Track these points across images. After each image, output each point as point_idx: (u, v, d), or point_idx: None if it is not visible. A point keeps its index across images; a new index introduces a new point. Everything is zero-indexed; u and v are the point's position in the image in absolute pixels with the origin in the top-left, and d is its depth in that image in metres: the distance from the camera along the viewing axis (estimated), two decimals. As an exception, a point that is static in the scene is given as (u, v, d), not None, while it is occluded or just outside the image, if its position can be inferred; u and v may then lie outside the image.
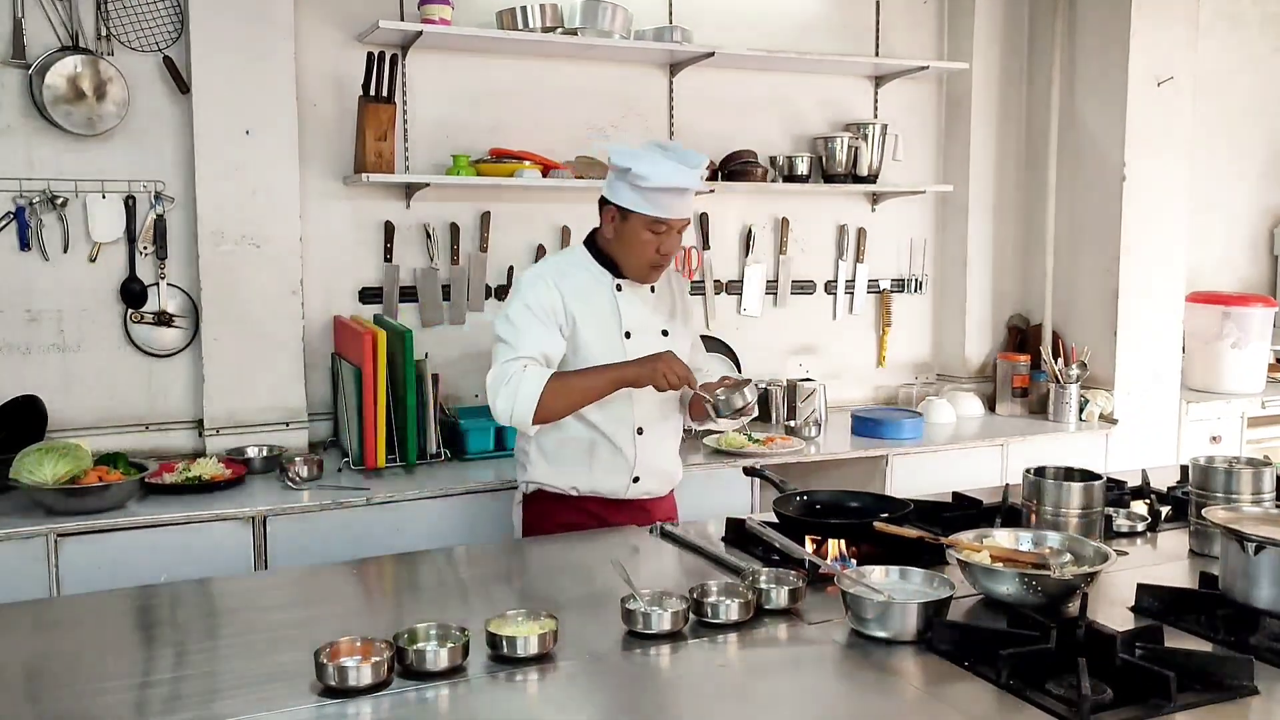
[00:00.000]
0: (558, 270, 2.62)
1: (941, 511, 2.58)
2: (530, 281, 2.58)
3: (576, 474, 2.63)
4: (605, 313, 2.62)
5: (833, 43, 4.30)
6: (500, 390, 2.47)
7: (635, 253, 2.58)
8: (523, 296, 2.56)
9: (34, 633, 1.95)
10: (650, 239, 2.54)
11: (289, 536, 2.97)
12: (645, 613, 1.85)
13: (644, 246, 2.56)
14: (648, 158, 2.50)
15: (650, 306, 2.69)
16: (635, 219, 2.53)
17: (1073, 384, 4.18)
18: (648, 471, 2.68)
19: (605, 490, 2.65)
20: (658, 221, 2.52)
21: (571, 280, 2.60)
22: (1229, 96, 5.01)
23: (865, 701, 1.68)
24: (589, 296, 2.60)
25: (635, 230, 2.54)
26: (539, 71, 3.86)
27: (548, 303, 2.55)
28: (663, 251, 2.57)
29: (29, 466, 2.83)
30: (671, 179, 2.47)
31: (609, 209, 2.58)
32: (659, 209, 2.51)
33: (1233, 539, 1.88)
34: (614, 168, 2.54)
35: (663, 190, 2.48)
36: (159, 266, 3.39)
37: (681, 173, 2.49)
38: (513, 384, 2.46)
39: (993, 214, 4.51)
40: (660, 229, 2.54)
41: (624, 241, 2.58)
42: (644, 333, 2.64)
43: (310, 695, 1.63)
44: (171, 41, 3.35)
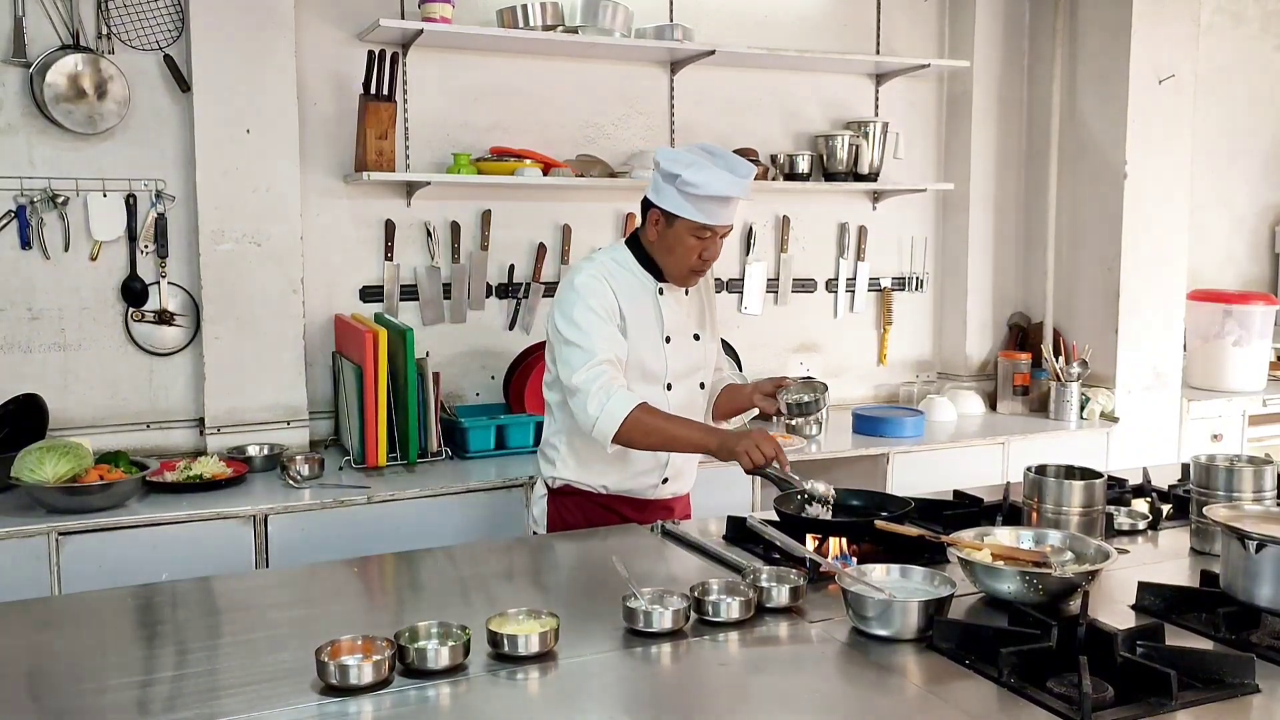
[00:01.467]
0: (609, 270, 2.59)
1: (942, 510, 2.57)
2: (587, 282, 2.54)
3: (608, 473, 2.63)
4: (649, 315, 2.61)
5: (833, 41, 4.30)
6: (592, 395, 2.43)
7: (678, 258, 2.56)
8: (583, 298, 2.51)
9: (35, 631, 1.95)
10: (694, 244, 2.53)
11: (290, 535, 2.97)
12: (646, 611, 1.85)
13: (688, 252, 2.54)
14: (698, 165, 2.47)
15: (685, 311, 2.69)
16: (681, 224, 2.51)
17: (1074, 382, 4.18)
18: (676, 473, 2.69)
19: (635, 490, 2.66)
20: (703, 228, 2.51)
21: (621, 281, 2.58)
22: (1230, 94, 5.00)
23: (866, 700, 1.68)
24: (636, 298, 2.59)
25: (680, 235, 2.53)
26: (540, 70, 3.86)
27: (608, 303, 2.53)
28: (705, 258, 2.56)
29: (30, 465, 2.83)
30: (722, 188, 2.46)
31: (654, 212, 2.56)
32: (706, 215, 2.49)
33: (1234, 537, 1.88)
34: (663, 172, 2.52)
35: (710, 199, 2.47)
36: (160, 265, 3.39)
37: (732, 183, 2.47)
38: (602, 395, 2.42)
39: (994, 212, 4.51)
40: (705, 235, 2.52)
41: (667, 246, 2.56)
42: (681, 337, 2.66)
43: (311, 694, 1.63)
44: (172, 40, 3.35)
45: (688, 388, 2.68)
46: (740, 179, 2.49)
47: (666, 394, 2.62)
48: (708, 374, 2.77)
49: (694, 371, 2.70)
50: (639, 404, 2.43)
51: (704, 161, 2.50)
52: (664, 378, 2.63)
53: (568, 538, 2.52)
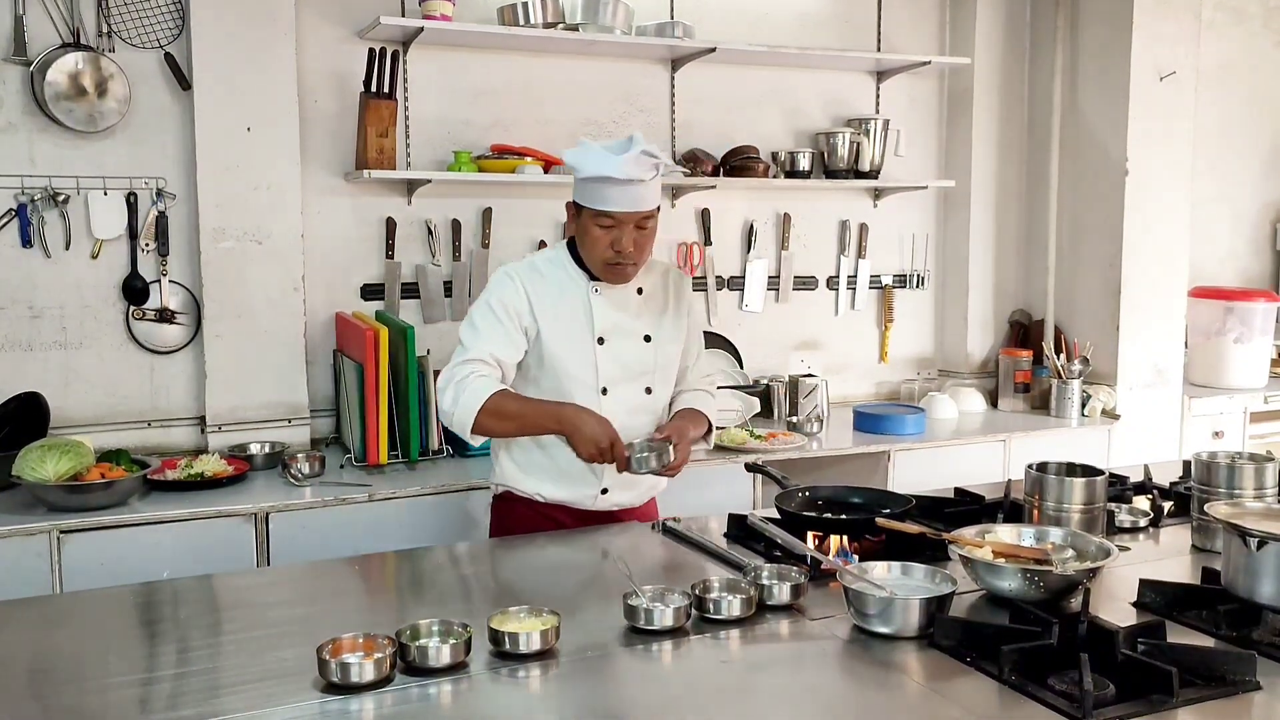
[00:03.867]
0: (531, 269, 2.51)
1: (944, 507, 2.57)
2: (499, 280, 2.49)
3: (543, 481, 2.53)
4: (577, 316, 2.49)
5: (834, 38, 4.29)
6: (446, 391, 2.40)
7: (590, 250, 2.45)
8: (488, 295, 2.48)
9: (37, 629, 1.95)
10: (600, 234, 2.40)
11: (291, 533, 2.97)
12: (647, 609, 1.85)
13: (595, 242, 2.42)
14: (581, 149, 2.40)
15: (633, 311, 2.54)
16: (585, 213, 2.42)
17: (1075, 379, 4.18)
18: (618, 483, 2.54)
19: (571, 501, 2.55)
20: (602, 214, 2.39)
21: (544, 281, 2.49)
22: (1232, 91, 5.00)
23: (867, 697, 1.68)
24: (561, 299, 2.48)
25: (586, 226, 2.43)
26: (540, 67, 3.86)
27: (512, 304, 2.45)
28: (617, 248, 2.41)
29: (31, 464, 2.83)
30: (593, 168, 2.35)
31: (569, 204, 2.50)
32: (600, 201, 2.38)
33: (1235, 534, 1.88)
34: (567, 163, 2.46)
35: (596, 180, 2.36)
36: (160, 263, 3.40)
37: (603, 160, 2.34)
38: (456, 389, 2.38)
39: (995, 209, 4.51)
40: (607, 223, 2.39)
41: (580, 238, 2.47)
42: (622, 337, 2.51)
43: (312, 691, 1.63)
44: (173, 38, 3.35)
45: (629, 393, 2.52)
46: (615, 156, 2.34)
47: (601, 399, 2.48)
48: (663, 379, 2.59)
49: (638, 376, 2.54)
50: (494, 392, 2.36)
51: (588, 146, 2.41)
52: (596, 382, 2.49)
53: (568, 536, 2.52)
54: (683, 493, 2.88)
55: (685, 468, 2.50)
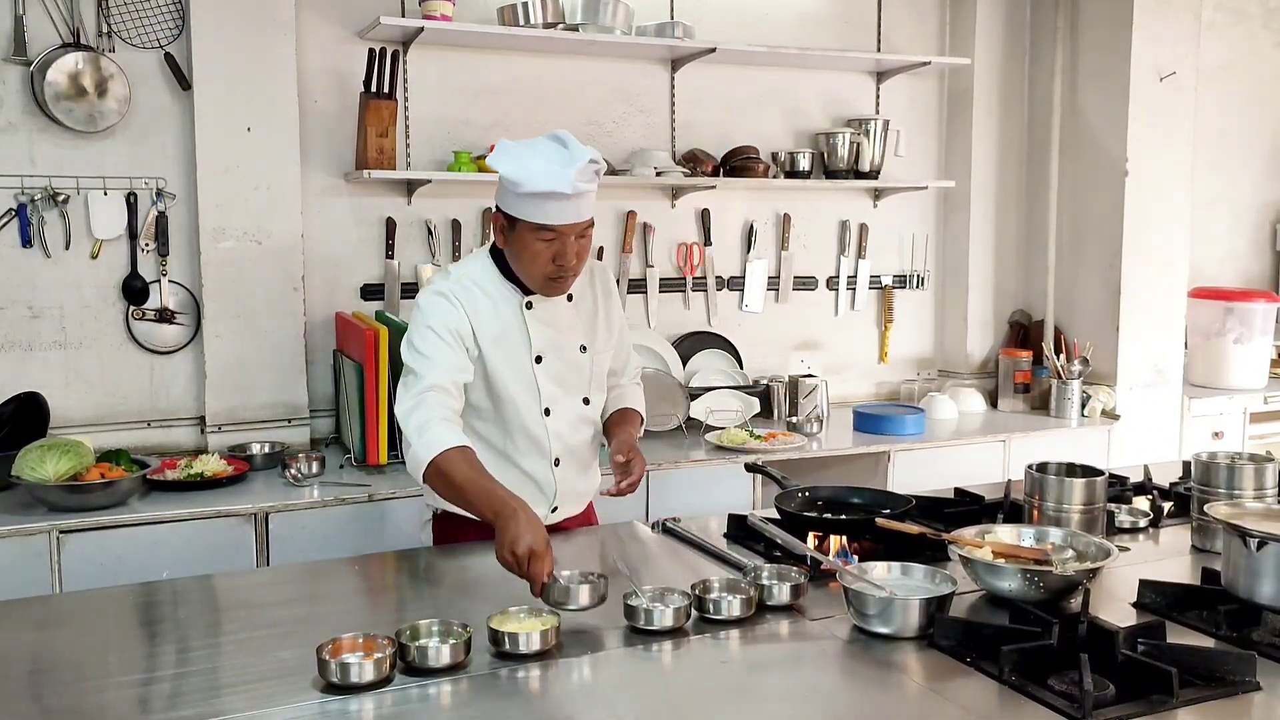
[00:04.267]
0: (465, 289, 2.31)
1: (943, 507, 2.57)
2: (431, 302, 2.29)
3: None
4: (513, 335, 2.33)
5: (834, 38, 4.29)
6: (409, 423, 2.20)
7: (527, 265, 2.27)
8: (425, 318, 2.28)
9: (36, 629, 1.95)
10: (541, 248, 2.22)
11: (291, 533, 2.97)
12: (647, 609, 1.85)
13: (535, 256, 2.24)
14: (523, 158, 2.19)
15: (566, 322, 2.40)
16: (521, 226, 2.22)
17: (1075, 380, 4.18)
18: (566, 499, 2.47)
19: None
20: (544, 228, 2.20)
21: (479, 301, 2.31)
22: (1232, 91, 5.00)
23: (867, 697, 1.68)
24: (497, 318, 2.32)
25: (524, 240, 2.23)
26: (540, 68, 3.86)
27: (452, 323, 2.27)
28: (559, 262, 2.24)
29: (31, 464, 2.83)
30: (542, 183, 2.15)
31: (496, 216, 2.29)
32: (541, 215, 2.19)
33: (1235, 535, 1.88)
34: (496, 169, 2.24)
35: (540, 195, 2.17)
36: (160, 263, 3.40)
37: (552, 175, 2.15)
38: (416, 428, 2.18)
39: (994, 209, 4.51)
40: (549, 236, 2.21)
41: (515, 253, 2.27)
42: (557, 353, 2.38)
43: (312, 692, 1.63)
44: (173, 38, 3.35)
45: (570, 408, 2.42)
46: (560, 169, 2.16)
47: (546, 421, 2.37)
48: (598, 386, 2.48)
49: (575, 389, 2.43)
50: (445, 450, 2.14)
51: (530, 154, 2.21)
52: (539, 403, 2.37)
53: (568, 536, 2.52)
54: (682, 493, 2.89)
55: (684, 468, 2.48)
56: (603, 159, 2.28)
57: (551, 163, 2.19)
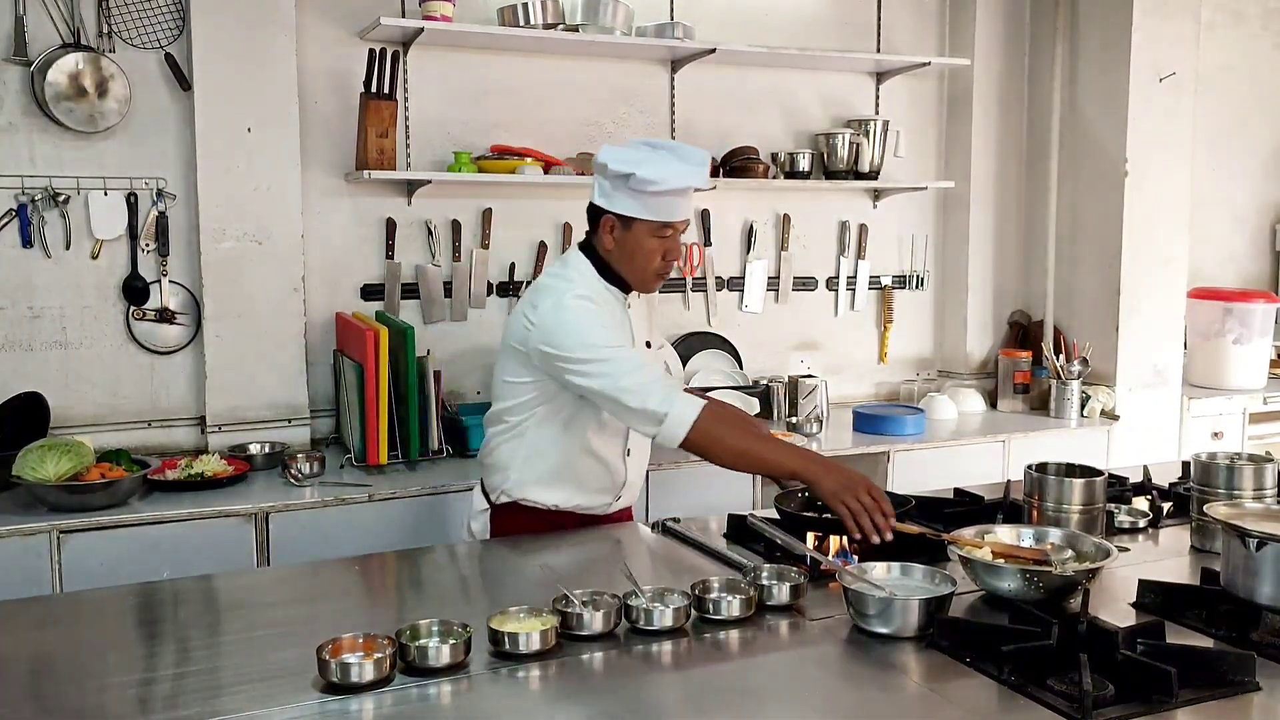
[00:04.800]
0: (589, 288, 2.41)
1: (943, 507, 2.57)
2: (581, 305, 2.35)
3: (561, 492, 2.50)
4: (624, 330, 2.46)
5: (834, 39, 4.29)
6: (650, 396, 2.25)
7: (641, 263, 2.42)
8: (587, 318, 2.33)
9: (37, 629, 1.96)
10: (656, 246, 2.40)
11: (291, 533, 2.97)
12: (647, 609, 1.85)
13: (650, 255, 2.41)
14: (650, 161, 2.34)
15: (640, 316, 2.58)
16: (639, 227, 2.38)
17: (1074, 380, 4.18)
18: (629, 490, 2.61)
19: (586, 508, 2.54)
20: (664, 226, 2.38)
21: (601, 297, 2.43)
22: (1231, 92, 5.00)
23: (867, 698, 1.68)
24: (612, 314, 2.44)
25: (639, 239, 2.39)
26: (540, 68, 3.86)
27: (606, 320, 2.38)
28: (669, 258, 2.43)
29: (31, 463, 2.83)
30: (680, 180, 2.34)
31: (607, 219, 2.40)
32: (666, 213, 2.36)
33: (1234, 535, 1.88)
34: (609, 174, 2.36)
35: (669, 193, 2.34)
36: (161, 263, 3.40)
37: (690, 172, 2.36)
38: (661, 393, 2.25)
39: (994, 210, 4.51)
40: (666, 234, 2.39)
41: (628, 253, 2.42)
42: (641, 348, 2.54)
43: (312, 692, 1.63)
44: (173, 38, 3.35)
45: None
46: (696, 167, 2.37)
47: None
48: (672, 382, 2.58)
49: None
50: (706, 404, 2.29)
51: (655, 157, 2.36)
52: None
53: (567, 536, 2.52)
54: (682, 493, 2.89)
55: (684, 468, 2.52)
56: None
57: (682, 162, 2.36)
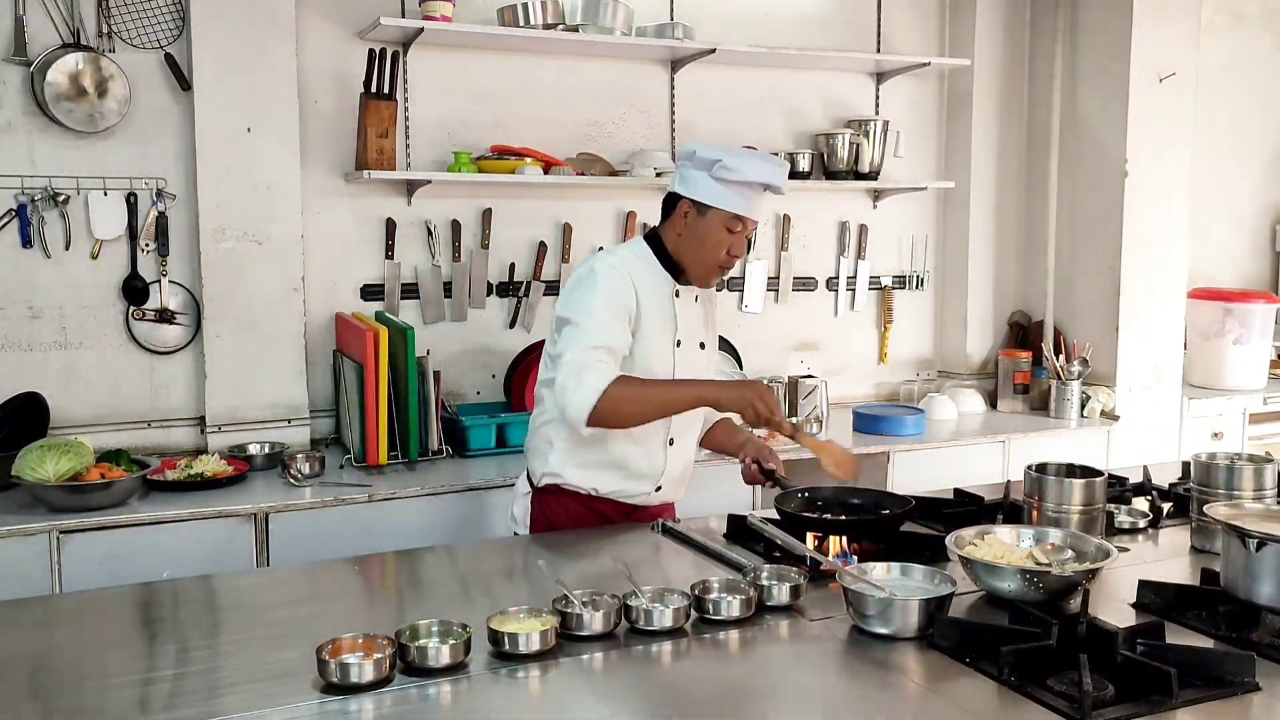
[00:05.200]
0: (631, 264, 2.50)
1: (943, 508, 2.58)
2: (607, 272, 2.45)
3: (601, 476, 2.56)
4: (664, 317, 2.53)
5: (834, 39, 4.29)
6: (570, 377, 2.35)
7: (706, 252, 2.49)
8: (601, 289, 2.42)
9: (36, 629, 1.96)
10: (725, 238, 2.47)
11: (291, 533, 2.97)
12: (647, 609, 1.85)
13: (717, 246, 2.48)
14: (735, 154, 2.46)
15: (695, 318, 2.61)
16: (714, 215, 2.45)
17: (1074, 380, 4.18)
18: (670, 480, 2.65)
19: (627, 495, 2.59)
20: (736, 219, 2.45)
21: (642, 276, 2.50)
22: (1231, 92, 5.00)
23: (867, 698, 1.68)
24: (652, 298, 2.50)
25: (712, 227, 2.46)
26: (540, 68, 3.86)
27: (623, 297, 2.44)
28: (733, 253, 2.50)
29: (31, 464, 2.83)
30: (761, 173, 2.44)
31: (684, 204, 2.48)
32: (744, 205, 2.45)
33: (1234, 535, 1.88)
34: (698, 161, 2.45)
35: (750, 185, 2.43)
36: (160, 264, 3.40)
37: (770, 168, 2.46)
38: (578, 375, 2.34)
39: (994, 210, 4.51)
40: (737, 227, 2.46)
41: (696, 239, 2.48)
42: (690, 343, 2.58)
43: (312, 692, 1.63)
44: (173, 38, 3.35)
45: None
46: (776, 166, 2.48)
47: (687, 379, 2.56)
48: None
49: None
50: (619, 375, 2.36)
51: (739, 152, 2.50)
52: None
53: (567, 536, 2.52)
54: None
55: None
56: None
57: (766, 161, 2.49)
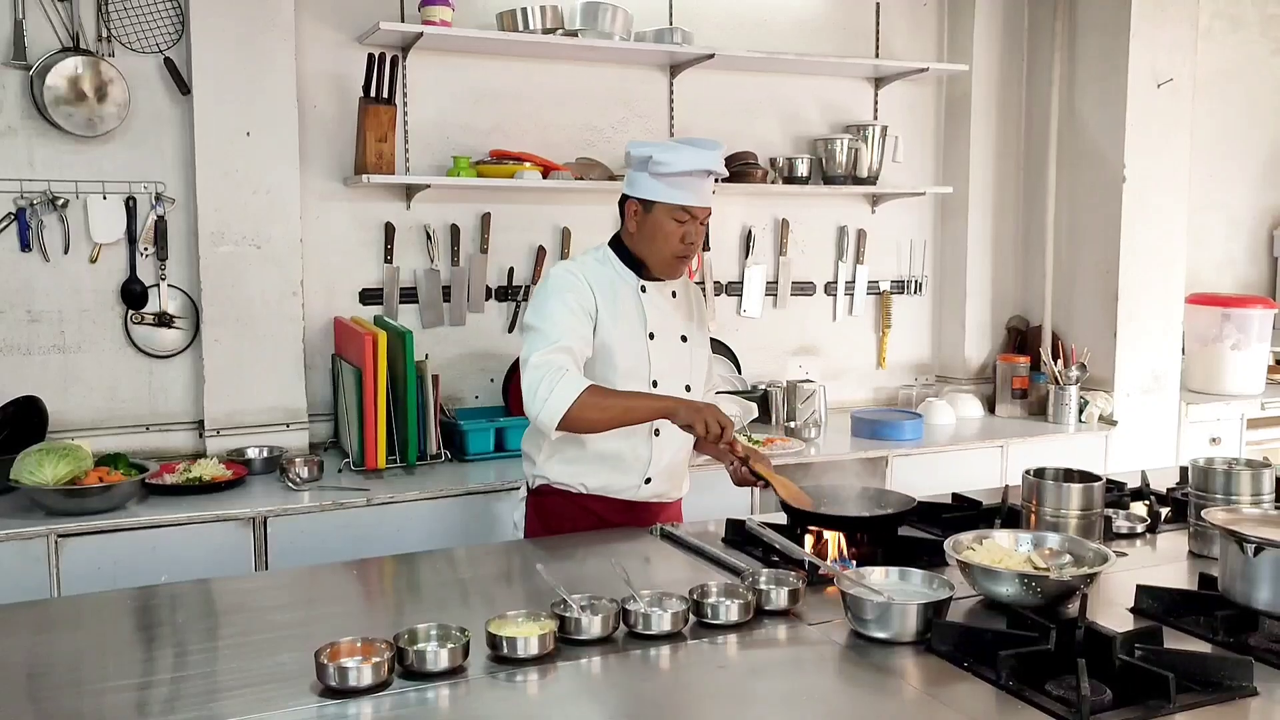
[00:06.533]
0: (588, 268, 2.60)
1: (941, 512, 2.58)
2: (561, 275, 2.56)
3: (587, 471, 2.60)
4: (631, 313, 2.60)
5: (833, 44, 4.30)
6: (540, 383, 2.41)
7: (660, 245, 2.56)
8: (556, 289, 2.53)
9: (35, 633, 1.95)
10: (675, 229, 2.54)
11: (289, 537, 2.97)
12: (645, 613, 1.85)
13: (669, 238, 2.55)
14: (665, 146, 2.54)
15: (671, 311, 2.67)
16: (659, 209, 2.53)
17: (1072, 385, 4.18)
18: (660, 473, 2.65)
19: (615, 490, 2.62)
20: (681, 210, 2.52)
21: (601, 278, 2.58)
22: (1229, 97, 5.01)
23: (865, 702, 1.68)
24: (617, 295, 2.59)
25: (659, 221, 2.54)
26: (539, 73, 3.86)
27: (583, 300, 2.53)
28: (687, 241, 2.56)
29: (30, 467, 2.83)
30: (692, 162, 2.49)
31: (631, 203, 2.58)
32: (683, 196, 2.51)
33: (1232, 540, 1.88)
34: (633, 160, 2.56)
35: (684, 175, 2.49)
36: (159, 267, 3.40)
37: (699, 155, 2.50)
38: (549, 382, 2.40)
39: (992, 215, 4.51)
40: (684, 218, 2.53)
41: (648, 234, 2.56)
42: (666, 336, 2.63)
43: (310, 696, 1.63)
44: (172, 43, 3.35)
45: (673, 388, 2.63)
46: (708, 151, 2.52)
47: (653, 392, 2.59)
48: (696, 379, 2.70)
49: (680, 373, 2.66)
50: (588, 385, 2.40)
51: (672, 144, 2.56)
52: (648, 375, 2.60)
53: (565, 540, 2.52)
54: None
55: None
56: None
57: (696, 148, 2.52)
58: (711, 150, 2.53)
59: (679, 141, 2.59)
